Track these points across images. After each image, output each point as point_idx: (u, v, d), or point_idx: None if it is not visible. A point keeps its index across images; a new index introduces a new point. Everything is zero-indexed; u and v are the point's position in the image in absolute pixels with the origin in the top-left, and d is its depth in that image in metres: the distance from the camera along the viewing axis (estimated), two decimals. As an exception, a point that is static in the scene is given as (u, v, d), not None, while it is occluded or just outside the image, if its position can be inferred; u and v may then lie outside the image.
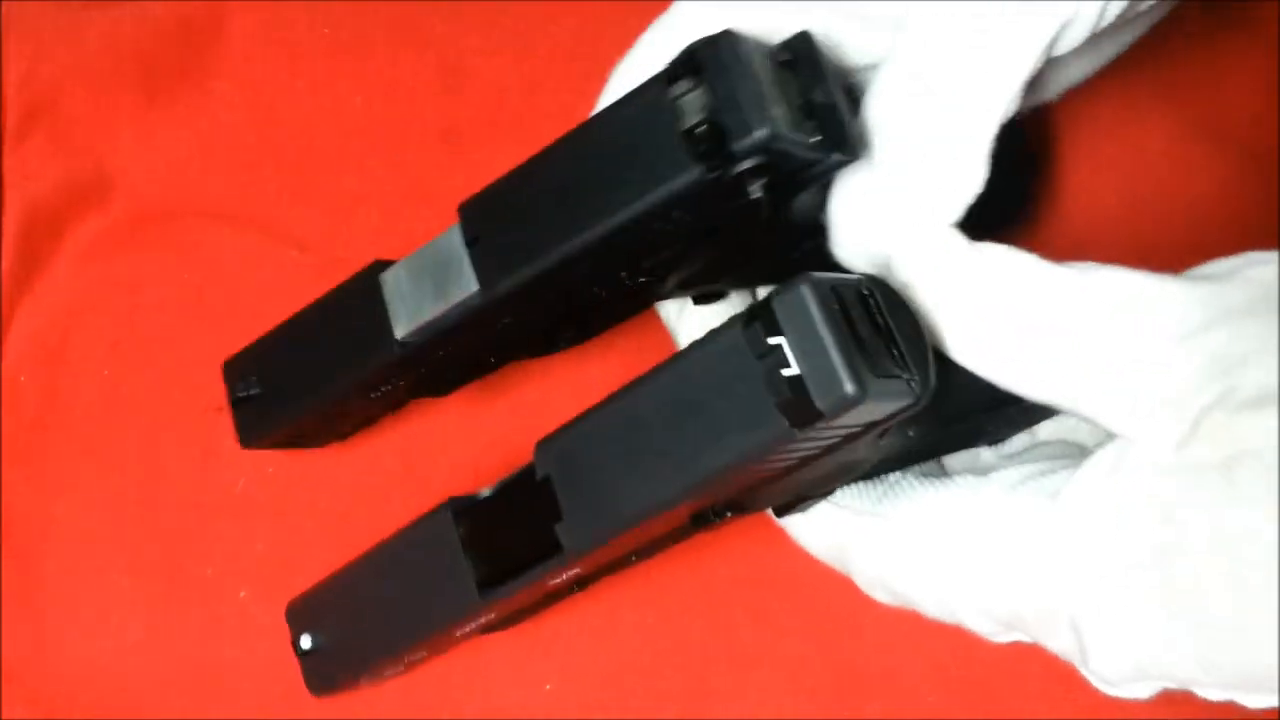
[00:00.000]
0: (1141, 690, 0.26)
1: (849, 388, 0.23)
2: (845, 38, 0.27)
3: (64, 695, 0.42)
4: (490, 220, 0.29)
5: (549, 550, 0.28)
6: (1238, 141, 0.40)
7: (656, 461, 0.25)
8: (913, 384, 0.24)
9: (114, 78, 0.47)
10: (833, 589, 0.38)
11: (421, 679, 0.39)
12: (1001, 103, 0.26)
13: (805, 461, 0.26)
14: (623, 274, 0.29)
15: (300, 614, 0.36)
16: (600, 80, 0.38)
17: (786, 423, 0.23)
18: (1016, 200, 0.41)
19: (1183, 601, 0.24)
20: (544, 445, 0.28)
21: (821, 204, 0.28)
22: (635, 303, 0.33)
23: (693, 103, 0.25)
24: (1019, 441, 0.33)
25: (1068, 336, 0.25)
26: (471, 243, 0.29)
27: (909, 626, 0.37)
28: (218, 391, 0.36)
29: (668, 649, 0.39)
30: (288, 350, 0.35)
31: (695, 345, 0.25)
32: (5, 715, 0.42)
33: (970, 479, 0.28)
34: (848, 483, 0.30)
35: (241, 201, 0.45)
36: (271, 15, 0.47)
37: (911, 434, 0.28)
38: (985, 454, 0.33)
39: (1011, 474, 0.28)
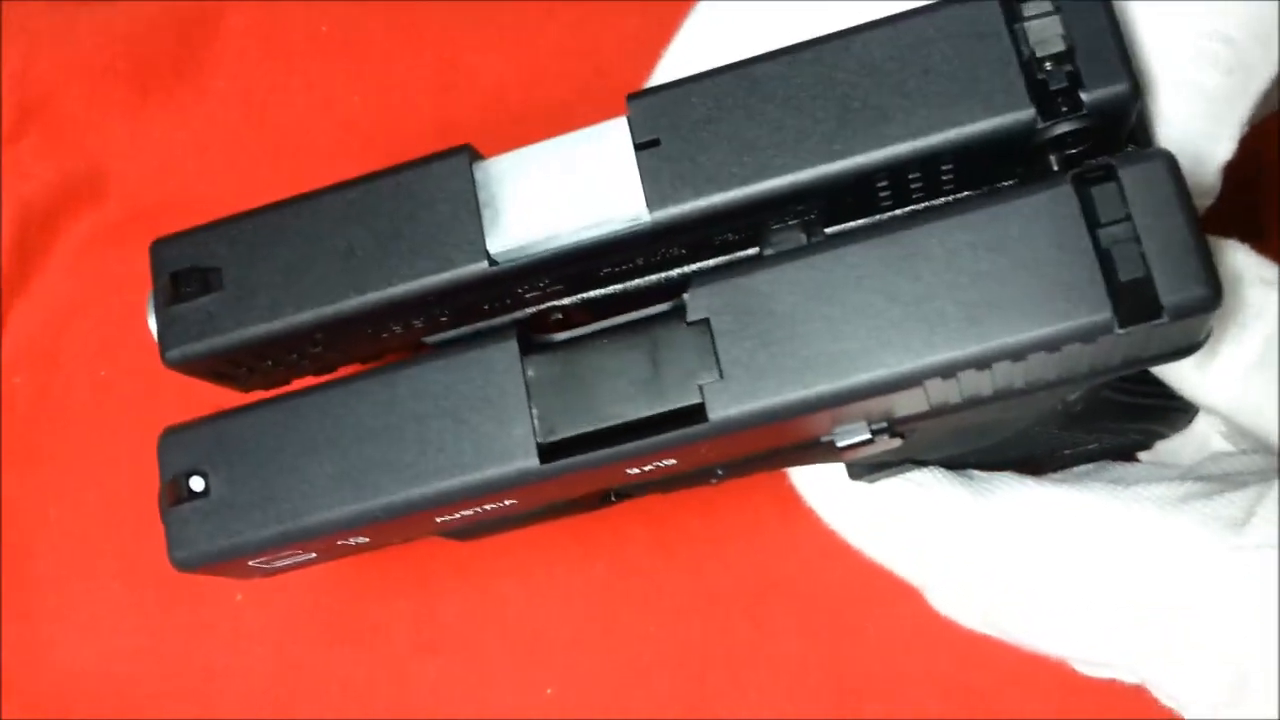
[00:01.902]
0: None
1: (1203, 288, 0.19)
2: None
3: (59, 698, 0.42)
4: (682, 122, 0.23)
5: (679, 416, 0.23)
6: None
7: (900, 319, 0.21)
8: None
9: (109, 75, 0.46)
10: (832, 593, 0.37)
11: (420, 680, 0.39)
12: None
13: (996, 397, 0.22)
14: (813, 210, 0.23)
15: (188, 445, 0.26)
16: (599, 78, 0.38)
17: (1111, 312, 0.20)
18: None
19: None
20: (702, 283, 0.22)
21: None
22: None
23: (1046, 30, 0.21)
24: (1146, 474, 0.28)
25: None
26: (646, 146, 0.23)
27: (908, 631, 0.37)
28: (215, 392, 0.35)
29: (668, 653, 0.38)
30: (279, 238, 0.26)
31: (1000, 194, 0.21)
32: (1, 718, 0.42)
33: (1100, 485, 0.25)
34: (932, 461, 0.26)
35: (237, 200, 0.45)
36: (267, 12, 0.46)
37: (1078, 407, 0.25)
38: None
39: (1164, 489, 0.24)
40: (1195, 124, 0.23)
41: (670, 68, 0.28)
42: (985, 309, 0.20)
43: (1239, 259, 0.24)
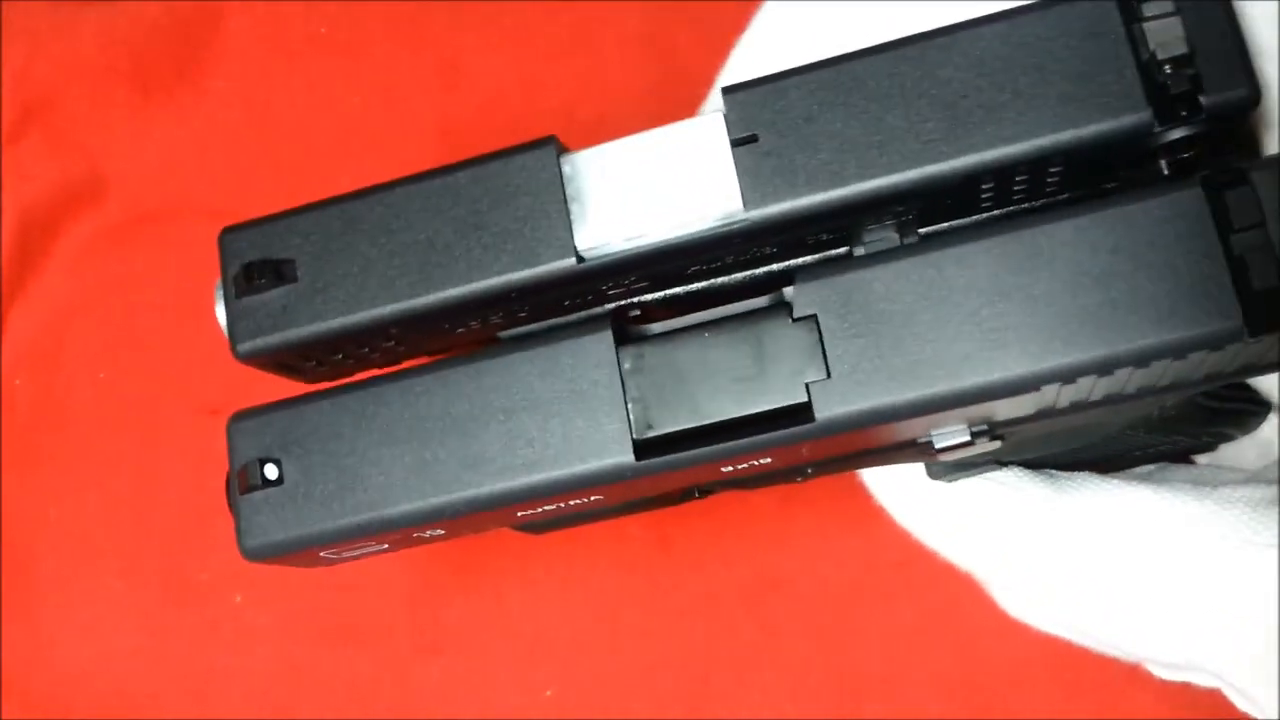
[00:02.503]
0: None
1: None
2: None
3: (60, 698, 0.42)
4: (780, 117, 0.22)
5: (783, 415, 0.22)
6: None
7: (1017, 321, 0.20)
8: None
9: (109, 76, 0.46)
10: (834, 593, 0.37)
11: (421, 681, 0.39)
12: None
13: (1105, 401, 0.22)
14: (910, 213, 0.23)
15: (261, 431, 0.25)
16: (600, 77, 0.38)
17: (1241, 320, 0.19)
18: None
19: None
20: (811, 278, 0.22)
21: None
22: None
23: (1167, 31, 0.20)
24: (1215, 476, 0.28)
25: None
26: (742, 142, 0.22)
27: (911, 631, 0.37)
28: (214, 393, 0.35)
29: (669, 653, 0.38)
30: (355, 229, 0.24)
31: (1125, 195, 0.20)
32: (2, 718, 0.42)
33: (1184, 485, 0.24)
34: (1013, 461, 0.25)
35: (238, 201, 0.45)
36: (268, 14, 0.46)
37: (1171, 411, 0.24)
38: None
39: (1250, 490, 0.23)
40: None
41: (743, 59, 0.27)
42: (1109, 312, 0.20)
43: None
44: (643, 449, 0.22)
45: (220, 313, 0.25)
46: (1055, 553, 0.24)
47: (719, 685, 0.38)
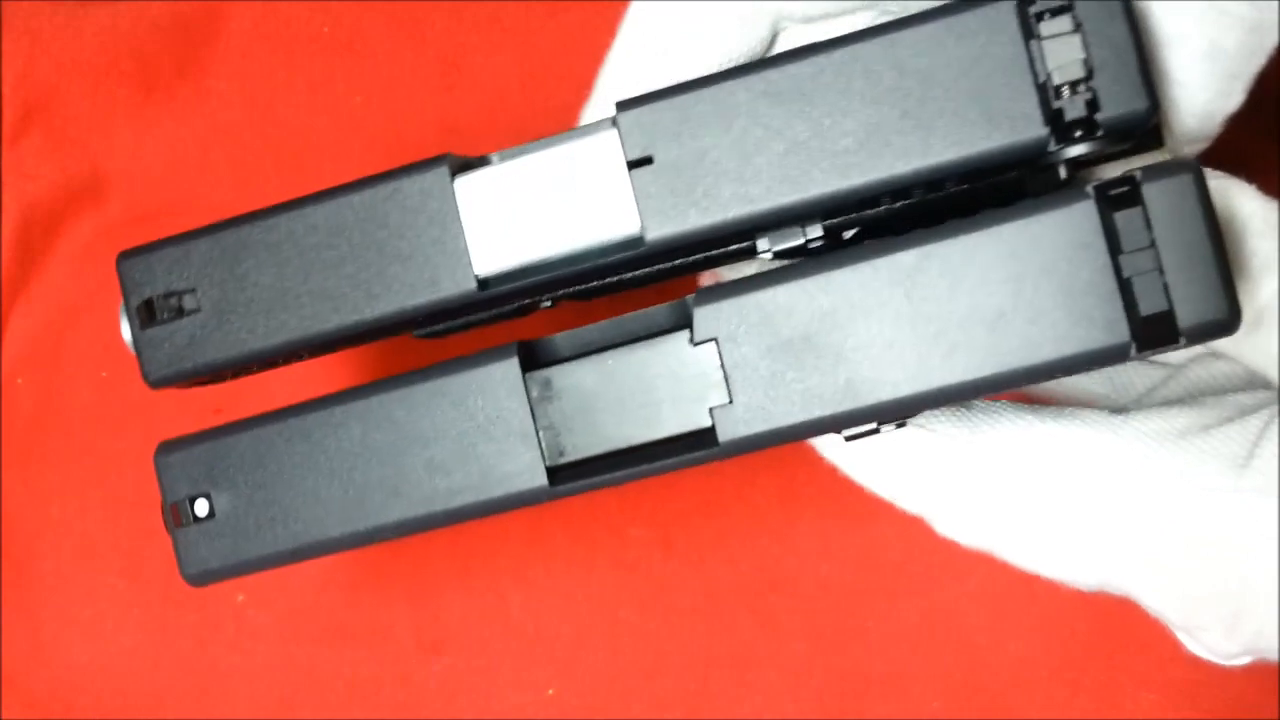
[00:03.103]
0: (1244, 659, 0.25)
1: (1223, 314, 0.19)
2: None
3: (61, 698, 0.42)
4: (675, 136, 0.22)
5: (689, 438, 0.22)
6: None
7: (913, 341, 0.21)
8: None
9: (111, 76, 0.46)
10: (836, 592, 0.37)
11: (422, 680, 0.39)
12: None
13: None
14: (815, 231, 0.23)
15: (188, 464, 0.26)
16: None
17: (1129, 336, 0.19)
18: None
19: None
20: (709, 301, 0.22)
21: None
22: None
23: (1065, 53, 0.20)
24: (1144, 376, 0.29)
25: None
26: (638, 164, 0.22)
27: (912, 630, 0.37)
28: (216, 392, 0.35)
29: (670, 652, 0.38)
30: (253, 255, 0.24)
31: (1020, 209, 0.20)
32: (3, 717, 0.42)
33: (1098, 415, 0.25)
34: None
35: (239, 200, 0.45)
36: (269, 13, 0.46)
37: None
38: (1093, 384, 0.29)
39: (1159, 421, 0.24)
40: (1211, 83, 0.23)
41: (618, 61, 0.28)
42: (1002, 332, 0.20)
43: (1246, 205, 0.24)
44: (556, 474, 0.23)
45: (126, 337, 0.26)
46: (970, 487, 0.25)
47: (720, 684, 0.38)
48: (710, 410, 0.22)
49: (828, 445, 0.27)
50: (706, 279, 0.31)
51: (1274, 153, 0.37)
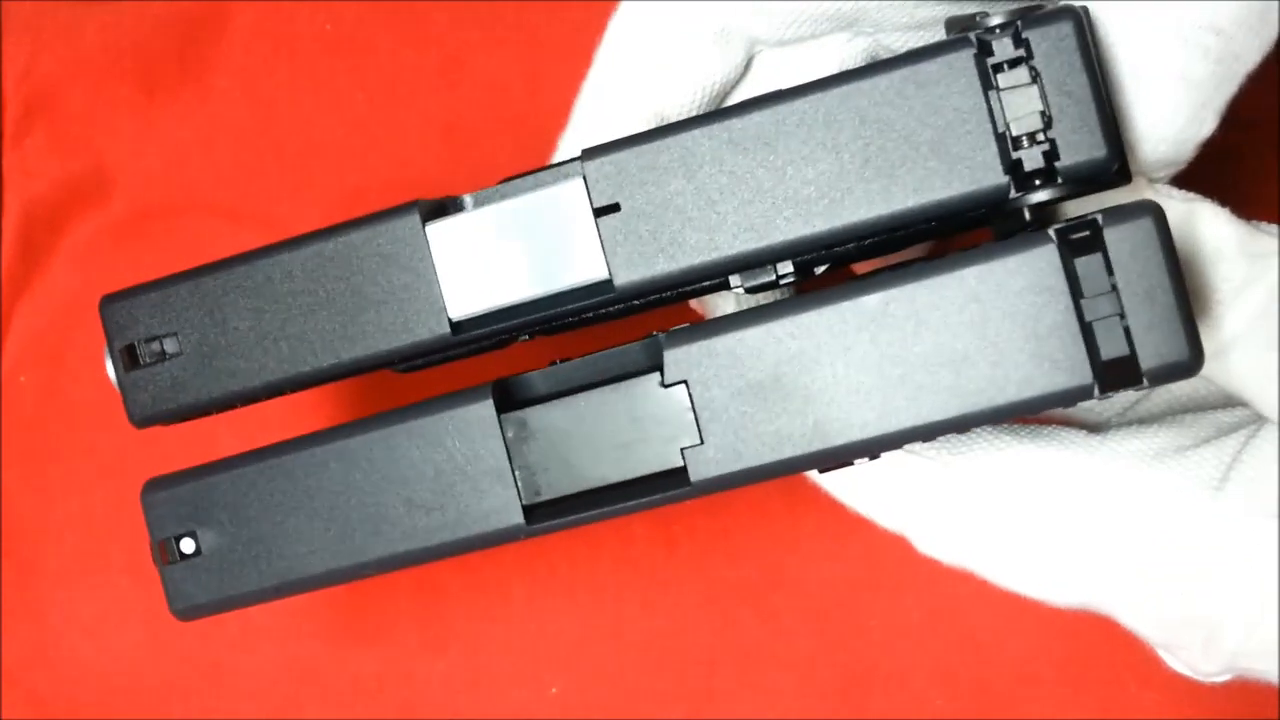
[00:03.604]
0: (1224, 678, 0.25)
1: (1185, 357, 0.19)
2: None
3: (64, 696, 0.42)
4: (640, 184, 0.22)
5: (662, 478, 0.23)
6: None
7: (879, 384, 0.21)
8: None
9: (114, 74, 0.46)
10: (838, 589, 0.37)
11: (426, 679, 0.39)
12: None
13: None
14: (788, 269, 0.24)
15: (174, 503, 0.26)
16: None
17: (1091, 379, 0.20)
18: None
19: None
20: (679, 343, 0.22)
21: None
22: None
23: (1022, 105, 0.20)
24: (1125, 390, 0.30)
25: None
26: (604, 211, 0.23)
27: (915, 628, 0.37)
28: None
29: (673, 650, 0.38)
30: (232, 300, 0.25)
31: (983, 252, 0.20)
32: (6, 716, 0.42)
33: (1076, 435, 0.25)
34: None
35: (242, 198, 0.45)
36: (272, 11, 0.46)
37: None
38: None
39: (1137, 442, 0.24)
40: (1181, 112, 0.23)
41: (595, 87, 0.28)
42: (966, 374, 0.21)
43: (1219, 229, 0.24)
44: (532, 513, 0.24)
45: (111, 377, 0.27)
46: (947, 510, 0.26)
47: (724, 683, 0.38)
48: (682, 451, 0.22)
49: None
50: (694, 306, 0.32)
51: (1274, 164, 0.37)
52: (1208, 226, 0.24)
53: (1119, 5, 0.23)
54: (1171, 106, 0.23)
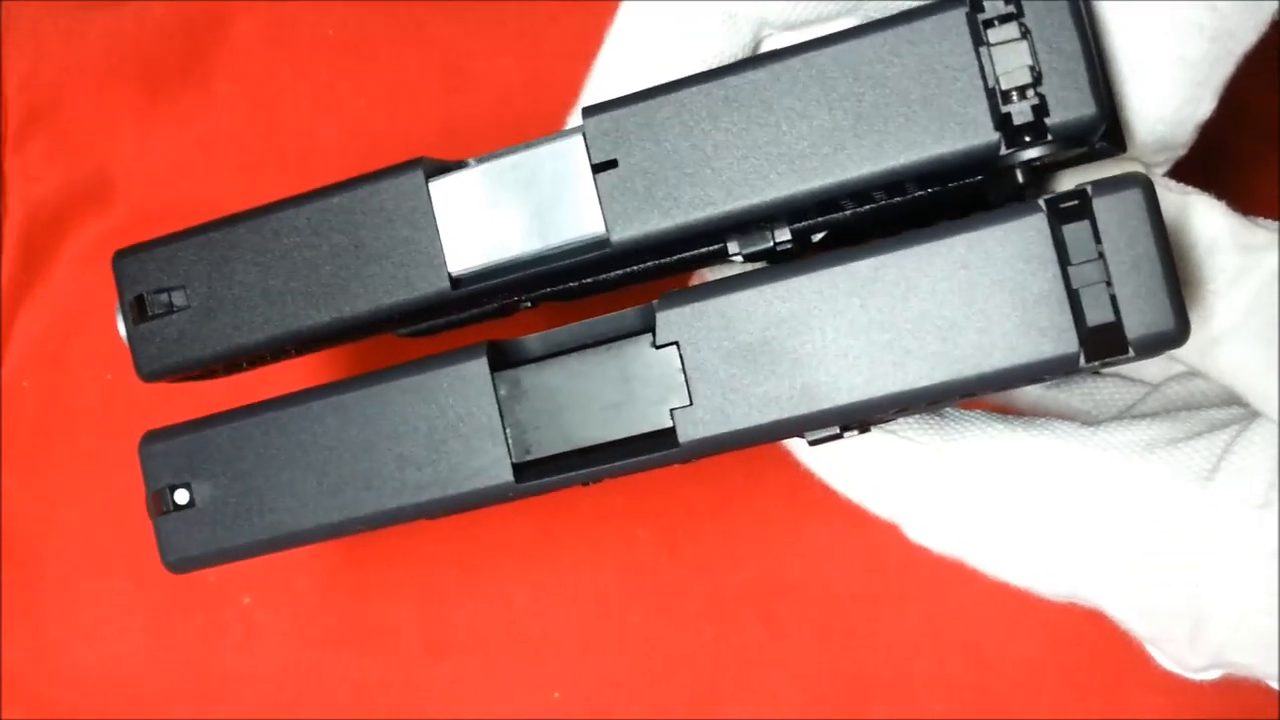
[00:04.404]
0: (1212, 674, 0.25)
1: (1171, 326, 0.19)
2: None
3: (65, 700, 0.42)
4: (639, 141, 0.23)
5: (650, 439, 0.23)
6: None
7: (869, 347, 0.21)
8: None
9: (115, 79, 0.46)
10: (841, 595, 0.37)
11: (428, 683, 0.39)
12: None
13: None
14: (777, 230, 0.24)
15: (170, 454, 0.26)
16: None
17: (1077, 346, 0.20)
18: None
19: None
20: (672, 305, 0.23)
21: None
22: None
23: (1012, 59, 0.21)
24: (1123, 393, 0.29)
25: None
26: (602, 168, 0.23)
27: (917, 632, 0.37)
28: (219, 393, 0.35)
29: (676, 655, 0.38)
30: (240, 254, 0.26)
31: (973, 221, 0.20)
32: (5, 718, 0.42)
33: (1068, 426, 0.25)
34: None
35: (244, 203, 0.45)
36: (274, 15, 0.46)
37: None
38: (1073, 399, 0.30)
39: (1129, 434, 0.24)
40: (1177, 91, 0.23)
41: (608, 64, 0.28)
42: (954, 340, 0.21)
43: (1214, 221, 0.24)
44: (522, 471, 0.24)
45: (122, 332, 0.27)
46: (940, 495, 0.26)
47: (726, 687, 0.38)
48: (671, 411, 0.22)
49: (802, 450, 0.27)
50: (694, 280, 0.32)
51: (1274, 159, 0.37)
52: (1203, 218, 0.24)
53: None
54: (1168, 85, 0.23)
